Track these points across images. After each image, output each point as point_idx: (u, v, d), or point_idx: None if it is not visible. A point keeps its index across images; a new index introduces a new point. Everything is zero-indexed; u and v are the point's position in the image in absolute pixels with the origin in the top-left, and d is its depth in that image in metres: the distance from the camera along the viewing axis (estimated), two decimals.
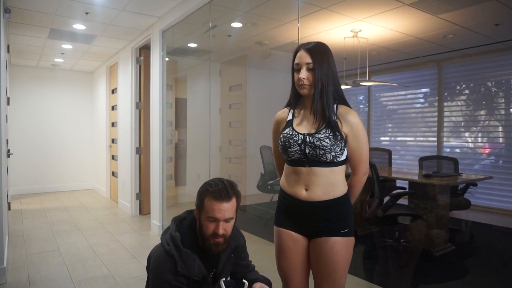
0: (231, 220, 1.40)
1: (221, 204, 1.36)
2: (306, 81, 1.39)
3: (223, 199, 1.36)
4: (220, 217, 1.36)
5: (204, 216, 1.38)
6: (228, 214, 1.37)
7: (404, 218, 3.13)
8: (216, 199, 1.36)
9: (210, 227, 1.38)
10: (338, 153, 1.37)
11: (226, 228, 1.38)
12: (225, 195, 1.36)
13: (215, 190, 1.37)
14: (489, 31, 4.33)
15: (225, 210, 1.36)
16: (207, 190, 1.40)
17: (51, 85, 7.18)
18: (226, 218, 1.38)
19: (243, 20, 4.10)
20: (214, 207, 1.36)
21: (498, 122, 5.30)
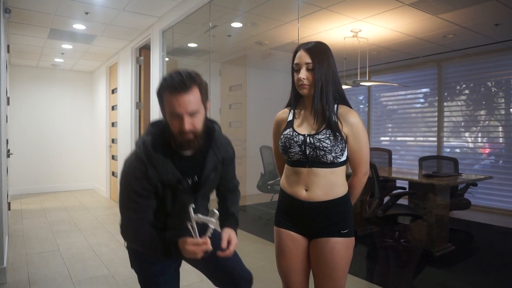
0: (197, 114, 1.24)
1: (178, 96, 1.20)
2: (306, 81, 1.39)
3: (180, 90, 1.20)
4: (182, 111, 1.21)
5: (167, 114, 1.25)
6: (190, 107, 1.21)
7: (404, 218, 3.13)
8: (173, 92, 1.20)
9: (175, 125, 1.24)
10: (338, 153, 1.37)
11: (193, 123, 1.23)
12: (182, 86, 1.20)
13: (170, 83, 1.21)
14: (489, 31, 4.33)
15: (186, 102, 1.20)
16: (162, 84, 1.24)
17: (51, 85, 7.18)
18: (189, 112, 1.22)
19: (243, 20, 4.10)
20: (173, 101, 1.21)
21: (498, 122, 5.30)
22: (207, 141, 1.37)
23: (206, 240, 1.22)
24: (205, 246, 1.21)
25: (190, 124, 1.23)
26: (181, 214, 1.33)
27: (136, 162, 1.27)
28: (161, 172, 1.26)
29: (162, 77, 1.28)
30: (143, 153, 1.26)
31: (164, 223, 1.36)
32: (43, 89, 7.09)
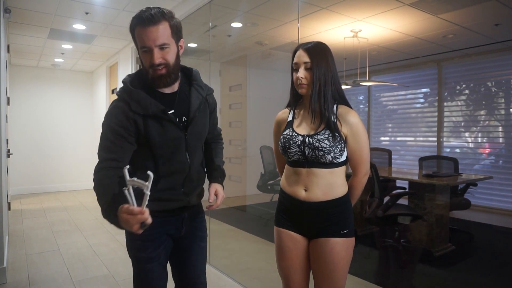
0: (166, 47, 1.24)
1: (147, 29, 1.21)
2: (304, 80, 1.39)
3: (149, 23, 1.21)
4: (151, 44, 1.21)
5: (139, 49, 1.26)
6: (159, 40, 1.21)
7: (404, 218, 3.13)
8: (142, 25, 1.22)
9: (146, 59, 1.25)
10: (337, 154, 1.37)
11: (163, 56, 1.24)
12: (150, 19, 1.21)
13: (139, 17, 1.24)
14: (489, 31, 4.33)
15: (154, 35, 1.21)
16: (133, 20, 1.27)
17: (51, 85, 7.17)
18: (158, 45, 1.22)
19: (243, 20, 4.10)
20: (142, 35, 1.22)
21: (498, 122, 5.30)
22: (187, 79, 1.40)
23: (143, 210, 1.06)
24: (140, 216, 1.06)
25: (159, 57, 1.23)
26: (173, 155, 1.31)
27: (117, 102, 1.28)
28: (144, 105, 1.24)
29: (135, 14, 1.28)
30: (124, 92, 1.27)
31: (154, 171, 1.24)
32: (43, 89, 7.09)
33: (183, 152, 1.34)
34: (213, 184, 1.49)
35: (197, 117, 1.36)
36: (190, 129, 1.34)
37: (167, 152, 1.31)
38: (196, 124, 1.36)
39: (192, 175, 1.38)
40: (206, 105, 1.42)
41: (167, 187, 1.33)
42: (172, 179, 1.34)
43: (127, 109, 1.24)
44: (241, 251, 3.69)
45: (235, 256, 3.50)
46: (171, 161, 1.32)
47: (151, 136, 1.27)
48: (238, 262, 3.32)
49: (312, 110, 1.40)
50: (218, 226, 4.56)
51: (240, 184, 6.12)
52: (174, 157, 1.32)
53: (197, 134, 1.38)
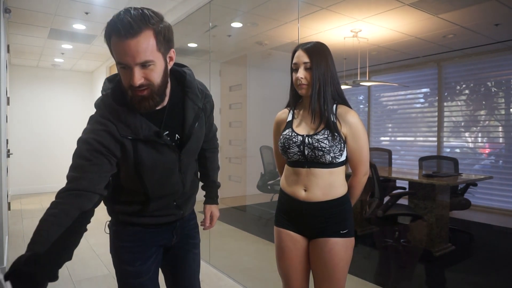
0: (150, 64, 0.96)
1: (125, 42, 0.93)
2: (304, 80, 1.39)
3: (126, 34, 0.92)
4: (129, 61, 0.94)
5: (116, 63, 0.99)
6: (140, 57, 0.94)
7: (404, 218, 3.13)
8: (117, 35, 0.93)
9: (124, 77, 0.99)
10: (337, 154, 1.37)
11: (146, 75, 0.97)
12: (127, 28, 0.92)
13: (115, 25, 0.94)
14: (489, 31, 4.33)
15: (134, 50, 0.93)
16: (108, 24, 0.97)
17: (51, 85, 7.17)
18: (139, 62, 0.95)
19: (243, 20, 4.10)
20: (118, 48, 0.94)
21: (498, 122, 5.30)
22: (180, 86, 1.16)
23: None
24: None
25: (141, 78, 0.97)
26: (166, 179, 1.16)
27: (101, 119, 1.03)
28: (134, 127, 1.03)
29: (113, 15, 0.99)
30: (107, 111, 1.04)
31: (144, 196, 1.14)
32: (43, 89, 7.09)
33: (177, 174, 1.19)
34: (208, 206, 1.45)
35: (193, 134, 1.17)
36: (185, 148, 1.16)
37: (159, 177, 1.15)
38: (192, 141, 1.18)
39: (185, 191, 1.26)
40: (202, 115, 1.21)
41: (158, 207, 1.20)
42: (164, 200, 1.21)
43: (115, 130, 1.03)
44: (241, 251, 3.69)
45: (235, 256, 3.50)
46: (164, 186, 1.18)
47: (142, 162, 1.09)
48: (238, 262, 3.32)
49: (312, 110, 1.40)
50: (218, 226, 4.56)
51: (240, 184, 6.12)
52: (167, 181, 1.17)
53: (193, 151, 1.23)
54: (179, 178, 1.20)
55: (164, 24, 1.00)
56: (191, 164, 1.27)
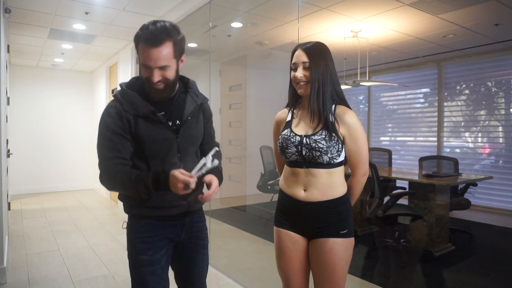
0: (167, 68, 1.26)
1: (150, 50, 1.22)
2: (303, 78, 1.39)
3: (152, 44, 1.21)
4: (152, 64, 1.24)
5: (140, 61, 1.29)
6: (160, 62, 1.24)
7: (404, 218, 3.13)
8: (145, 44, 1.22)
9: (145, 73, 1.28)
10: (334, 154, 1.37)
11: (163, 75, 1.27)
12: (154, 40, 1.22)
13: (145, 35, 1.23)
14: (489, 31, 4.33)
15: (156, 57, 1.23)
16: (138, 33, 1.26)
17: (51, 85, 7.17)
18: (159, 66, 1.24)
19: (243, 20, 4.10)
20: (144, 54, 1.24)
21: (498, 122, 5.30)
22: (184, 88, 1.44)
23: (193, 175, 1.20)
24: (188, 178, 1.17)
25: (159, 76, 1.26)
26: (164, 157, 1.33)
27: (112, 103, 1.34)
28: (136, 106, 1.29)
29: (143, 25, 1.28)
30: (118, 93, 1.34)
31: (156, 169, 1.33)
32: (43, 89, 7.09)
33: (175, 154, 1.36)
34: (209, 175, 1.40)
35: (190, 121, 1.40)
36: (182, 131, 1.37)
37: (158, 153, 1.34)
38: (189, 127, 1.39)
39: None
40: (200, 112, 1.46)
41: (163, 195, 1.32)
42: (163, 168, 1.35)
43: (121, 109, 1.30)
44: (241, 251, 3.69)
45: (235, 256, 3.50)
46: (163, 162, 1.34)
47: (142, 136, 1.30)
48: (238, 262, 3.32)
49: (311, 110, 1.40)
50: (218, 226, 4.56)
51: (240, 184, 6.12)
52: (166, 158, 1.34)
53: (190, 137, 1.40)
54: (178, 159, 1.37)
55: (180, 36, 1.29)
56: (191, 154, 1.43)
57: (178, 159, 1.36)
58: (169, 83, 1.30)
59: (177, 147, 1.36)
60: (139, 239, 1.36)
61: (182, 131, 1.37)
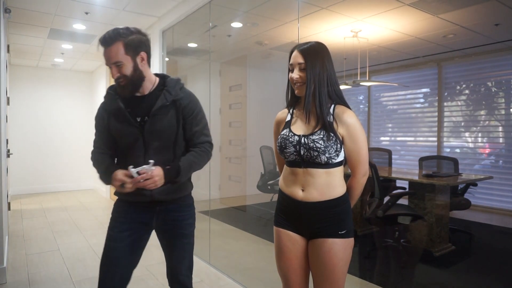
0: (120, 64, 1.44)
1: (104, 50, 1.45)
2: (299, 79, 1.40)
3: (103, 44, 1.44)
4: (107, 62, 1.45)
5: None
6: (112, 59, 1.44)
7: (404, 218, 3.13)
8: (101, 46, 1.45)
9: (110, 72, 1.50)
10: (332, 154, 1.36)
11: (119, 71, 1.45)
12: (103, 41, 1.43)
13: (100, 39, 1.45)
14: (489, 31, 4.33)
15: (108, 55, 1.44)
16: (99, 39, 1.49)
17: (51, 85, 7.17)
18: (112, 63, 1.44)
19: (243, 20, 4.10)
20: (102, 54, 1.46)
21: (498, 122, 5.30)
22: (162, 85, 1.57)
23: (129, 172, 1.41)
24: (123, 178, 1.41)
25: (116, 73, 1.46)
26: (129, 150, 1.54)
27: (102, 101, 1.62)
28: (110, 103, 1.54)
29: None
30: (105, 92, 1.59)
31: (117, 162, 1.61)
32: (43, 89, 7.09)
33: (140, 148, 1.52)
34: (157, 167, 1.46)
35: (156, 117, 1.51)
36: (147, 127, 1.50)
37: (126, 147, 1.55)
38: (154, 123, 1.51)
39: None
40: (171, 108, 1.54)
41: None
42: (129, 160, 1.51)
43: (101, 106, 1.59)
44: (241, 251, 3.69)
45: (235, 256, 3.50)
46: (126, 156, 1.55)
47: (112, 131, 1.55)
48: (238, 262, 3.32)
49: (306, 110, 1.40)
50: (218, 226, 4.56)
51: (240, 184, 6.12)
52: (129, 152, 1.54)
53: (155, 132, 1.51)
54: (142, 152, 1.52)
55: (135, 36, 1.47)
56: (162, 151, 1.54)
57: (142, 153, 1.52)
58: (129, 79, 1.47)
59: (142, 142, 1.51)
60: (112, 216, 1.61)
61: (147, 127, 1.50)
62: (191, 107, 1.58)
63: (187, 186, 1.66)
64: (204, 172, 6.17)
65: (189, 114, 1.57)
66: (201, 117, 1.62)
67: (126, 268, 1.57)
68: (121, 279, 1.55)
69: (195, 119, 1.59)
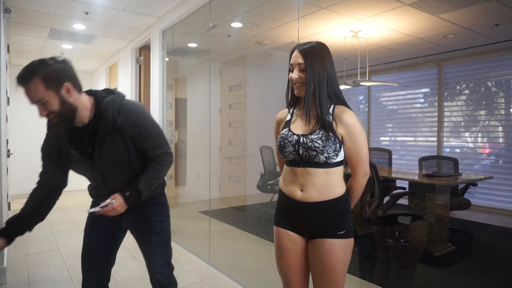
0: (44, 102, 1.35)
1: (24, 90, 1.34)
2: (298, 80, 1.40)
3: (22, 85, 1.33)
4: (30, 102, 1.36)
5: None
6: (33, 99, 1.34)
7: (404, 218, 3.13)
8: (19, 86, 1.35)
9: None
10: (331, 154, 1.36)
11: (46, 108, 1.36)
12: (19, 81, 1.33)
13: (16, 77, 1.34)
14: (489, 31, 4.33)
15: (28, 95, 1.34)
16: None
17: None
18: (36, 102, 1.35)
19: (243, 20, 4.10)
20: (24, 94, 1.36)
21: (498, 122, 5.30)
22: (97, 112, 1.50)
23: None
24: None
25: (44, 111, 1.37)
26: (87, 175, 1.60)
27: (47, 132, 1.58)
28: (53, 139, 1.52)
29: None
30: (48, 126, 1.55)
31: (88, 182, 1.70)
32: None
33: (97, 175, 1.56)
34: (117, 194, 1.52)
35: (103, 146, 1.48)
36: (96, 157, 1.49)
37: (81, 173, 1.62)
38: (103, 152, 1.48)
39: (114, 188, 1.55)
40: (115, 134, 1.47)
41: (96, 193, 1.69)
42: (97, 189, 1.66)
43: (47, 141, 1.58)
44: (241, 251, 3.69)
45: (235, 256, 3.50)
46: (90, 179, 1.64)
47: (61, 163, 1.59)
48: (238, 262, 3.32)
49: (306, 110, 1.40)
50: (218, 226, 4.56)
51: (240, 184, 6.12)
52: (88, 177, 1.62)
53: (107, 160, 1.51)
54: (99, 177, 1.57)
55: (51, 68, 1.34)
56: (119, 173, 1.56)
57: (100, 178, 1.56)
58: (60, 115, 1.38)
59: (96, 170, 1.53)
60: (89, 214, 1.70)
61: (97, 157, 1.49)
62: (134, 127, 1.48)
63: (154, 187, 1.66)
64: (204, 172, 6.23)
65: (134, 134, 1.49)
66: (149, 131, 1.52)
67: (102, 262, 1.68)
68: (98, 270, 1.67)
69: (142, 137, 1.51)
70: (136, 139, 1.50)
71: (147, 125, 1.52)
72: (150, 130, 1.53)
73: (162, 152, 1.57)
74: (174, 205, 5.72)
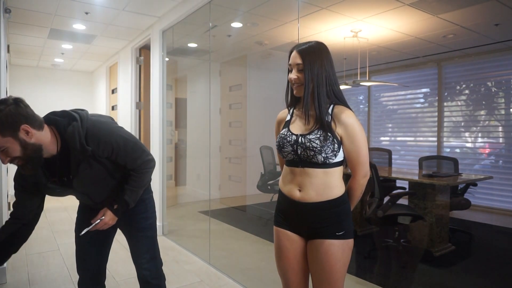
0: (6, 149, 1.30)
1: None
2: (297, 80, 1.40)
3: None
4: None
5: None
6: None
7: (404, 218, 3.13)
8: None
9: None
10: (329, 154, 1.36)
11: (8, 155, 1.32)
12: None
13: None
14: (489, 31, 4.33)
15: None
16: None
17: (51, 85, 7.17)
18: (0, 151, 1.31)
19: (243, 20, 4.10)
20: None
21: (498, 122, 5.30)
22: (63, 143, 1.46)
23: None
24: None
25: (5, 157, 1.33)
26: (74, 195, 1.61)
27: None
28: (28, 177, 1.49)
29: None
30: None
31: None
32: (43, 89, 7.09)
33: (82, 196, 1.60)
34: (106, 209, 1.58)
35: (80, 174, 1.48)
36: (76, 184, 1.51)
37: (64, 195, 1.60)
38: (81, 179, 1.49)
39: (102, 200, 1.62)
40: (89, 159, 1.46)
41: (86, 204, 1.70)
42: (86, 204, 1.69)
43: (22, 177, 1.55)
44: (241, 251, 3.69)
45: (235, 256, 3.50)
46: (75, 196, 1.64)
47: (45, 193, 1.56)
48: (238, 262, 3.32)
49: (305, 110, 1.40)
50: (218, 226, 4.56)
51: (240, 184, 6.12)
52: (74, 195, 1.61)
53: (88, 184, 1.54)
54: (86, 197, 1.61)
55: (2, 113, 1.27)
56: (103, 188, 1.59)
57: (87, 198, 1.60)
58: (24, 158, 1.34)
59: (80, 193, 1.57)
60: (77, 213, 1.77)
61: (75, 183, 1.50)
62: (106, 149, 1.47)
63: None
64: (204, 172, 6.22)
65: (109, 153, 1.48)
66: (122, 147, 1.49)
67: (96, 259, 1.72)
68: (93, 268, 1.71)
69: (118, 155, 1.50)
70: (111, 157, 1.50)
71: (119, 143, 1.48)
72: (124, 146, 1.50)
73: (141, 162, 1.56)
74: (174, 205, 5.71)
